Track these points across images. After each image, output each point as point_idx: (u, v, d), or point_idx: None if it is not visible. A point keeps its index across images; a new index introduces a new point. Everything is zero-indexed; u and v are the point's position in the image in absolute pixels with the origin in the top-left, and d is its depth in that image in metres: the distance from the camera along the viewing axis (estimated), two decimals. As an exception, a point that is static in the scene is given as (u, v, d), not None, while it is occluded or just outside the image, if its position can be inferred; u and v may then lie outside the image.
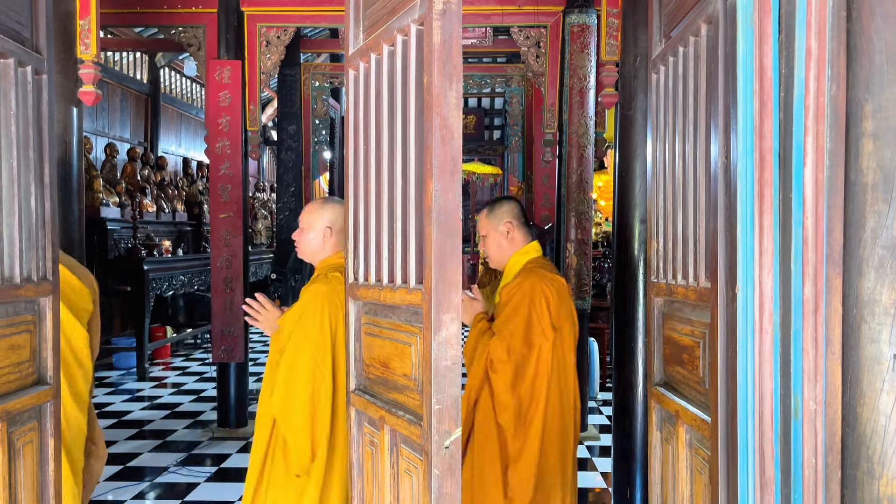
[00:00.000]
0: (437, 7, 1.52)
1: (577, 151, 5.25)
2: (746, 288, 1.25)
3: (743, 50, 1.25)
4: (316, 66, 8.61)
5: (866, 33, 1.10)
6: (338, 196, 9.42)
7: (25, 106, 2.08)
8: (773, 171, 1.21)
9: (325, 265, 2.58)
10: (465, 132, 13.68)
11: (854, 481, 1.11)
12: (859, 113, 1.11)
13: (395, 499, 1.79)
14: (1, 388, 1.98)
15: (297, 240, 2.63)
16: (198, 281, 8.77)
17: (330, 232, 2.59)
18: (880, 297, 1.08)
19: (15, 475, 2.04)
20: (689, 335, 1.90)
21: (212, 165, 5.45)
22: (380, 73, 1.85)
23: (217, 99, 5.34)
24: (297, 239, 2.63)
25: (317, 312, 2.41)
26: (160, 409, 6.27)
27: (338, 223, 2.60)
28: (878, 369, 1.08)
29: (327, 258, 2.60)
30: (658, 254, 2.15)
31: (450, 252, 1.54)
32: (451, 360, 1.54)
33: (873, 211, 1.09)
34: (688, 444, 1.89)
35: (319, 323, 2.39)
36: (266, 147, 14.53)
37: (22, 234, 2.06)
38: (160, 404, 6.43)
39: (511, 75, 8.81)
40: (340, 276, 2.48)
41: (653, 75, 2.19)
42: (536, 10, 5.53)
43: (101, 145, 9.18)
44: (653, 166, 2.19)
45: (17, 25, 2.06)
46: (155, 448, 5.19)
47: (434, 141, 1.52)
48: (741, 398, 1.26)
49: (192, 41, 5.43)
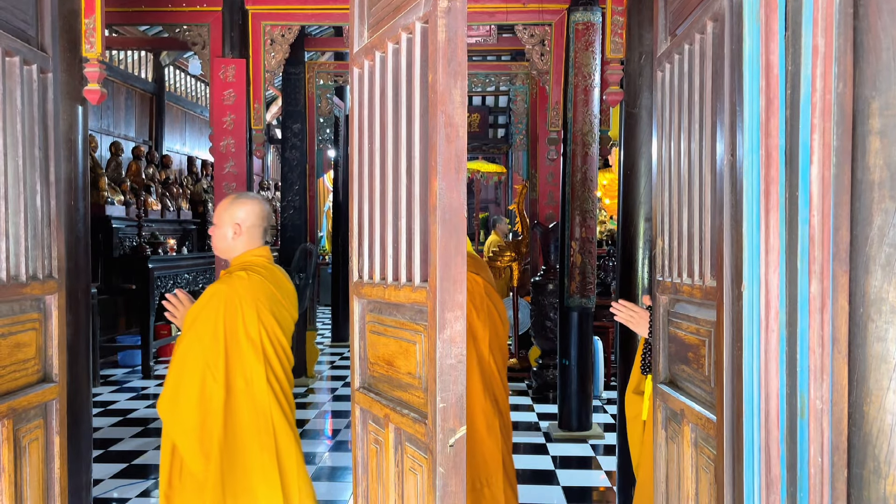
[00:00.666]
0: (442, 5, 1.52)
1: (581, 149, 5.24)
2: (752, 286, 1.24)
3: (749, 47, 1.24)
4: (320, 65, 8.61)
5: (873, 30, 1.09)
6: (342, 194, 9.42)
7: (31, 104, 2.08)
8: (780, 169, 1.21)
9: (237, 263, 2.55)
10: (469, 130, 13.64)
11: (860, 480, 1.10)
12: (866, 110, 1.10)
13: (399, 497, 1.79)
14: (6, 385, 1.99)
15: (212, 236, 2.61)
16: (202, 279, 8.78)
17: (239, 229, 2.54)
18: (887, 295, 1.08)
19: (21, 472, 2.04)
20: (695, 333, 1.90)
21: (216, 164, 5.46)
22: (384, 70, 1.85)
23: (221, 97, 5.35)
24: (212, 235, 2.61)
25: (211, 314, 2.38)
26: (165, 406, 6.28)
27: (248, 220, 2.56)
28: (884, 368, 1.08)
29: (240, 256, 2.57)
30: (663, 252, 2.14)
31: (454, 250, 1.53)
32: (455, 359, 1.54)
33: (880, 209, 1.09)
34: (693, 442, 1.89)
35: (213, 325, 2.37)
36: (270, 145, 14.56)
37: (28, 233, 2.06)
38: (165, 402, 6.44)
39: (515, 73, 8.80)
40: (245, 275, 2.46)
41: (658, 73, 2.19)
42: (541, 8, 5.52)
43: (106, 144, 9.21)
44: (658, 164, 2.18)
45: (22, 24, 2.07)
46: (159, 446, 5.20)
47: (438, 139, 1.52)
48: (747, 397, 1.26)
49: (197, 40, 5.43)
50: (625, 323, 2.56)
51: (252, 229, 2.57)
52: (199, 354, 2.35)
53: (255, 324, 2.42)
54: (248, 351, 2.41)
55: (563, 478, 4.56)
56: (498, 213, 15.62)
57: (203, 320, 2.38)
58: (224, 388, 2.37)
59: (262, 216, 2.60)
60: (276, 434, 2.45)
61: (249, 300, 2.42)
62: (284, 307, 2.58)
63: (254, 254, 2.57)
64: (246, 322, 2.41)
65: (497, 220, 10.45)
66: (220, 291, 2.41)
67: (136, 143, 10.11)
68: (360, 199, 1.99)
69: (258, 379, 2.42)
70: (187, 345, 2.37)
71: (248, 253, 2.56)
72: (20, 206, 2.04)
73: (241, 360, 2.40)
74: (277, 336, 2.50)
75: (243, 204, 2.57)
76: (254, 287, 2.45)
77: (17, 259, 2.03)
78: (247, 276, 2.46)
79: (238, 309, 2.40)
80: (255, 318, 2.42)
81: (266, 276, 2.53)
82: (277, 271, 2.63)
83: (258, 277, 2.49)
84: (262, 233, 2.62)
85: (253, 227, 2.57)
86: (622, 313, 2.55)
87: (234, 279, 2.44)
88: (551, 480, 4.54)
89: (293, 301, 2.66)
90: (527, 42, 5.78)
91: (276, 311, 2.51)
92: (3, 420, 1.95)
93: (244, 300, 2.41)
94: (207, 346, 2.36)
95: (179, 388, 2.34)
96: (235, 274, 2.46)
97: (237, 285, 2.42)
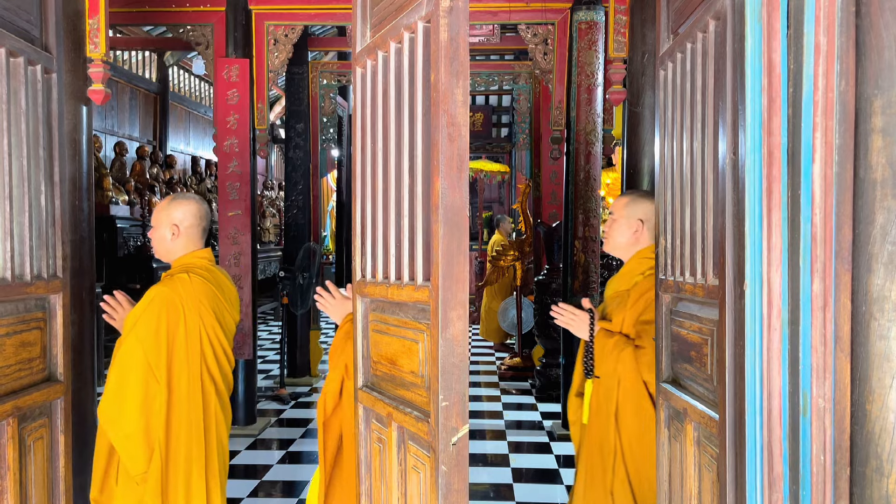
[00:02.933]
0: (444, 4, 1.52)
1: (584, 148, 5.24)
2: (754, 285, 1.24)
3: (751, 46, 1.24)
4: (324, 64, 8.62)
5: (875, 29, 1.09)
6: (345, 193, 9.41)
7: (35, 104, 2.09)
8: (782, 168, 1.21)
9: (178, 265, 2.55)
10: (472, 129, 13.67)
11: (863, 479, 1.10)
12: (868, 109, 1.10)
13: (402, 495, 1.79)
14: (11, 384, 2.00)
15: (151, 239, 2.60)
16: (206, 279, 8.80)
17: (177, 230, 2.53)
18: (889, 293, 1.08)
19: (26, 471, 2.05)
20: (697, 332, 1.90)
21: (220, 164, 5.47)
22: (387, 70, 1.85)
23: (225, 97, 5.36)
24: (151, 238, 2.60)
25: (153, 316, 2.38)
26: (169, 406, 6.30)
27: (186, 220, 2.55)
28: (887, 366, 1.08)
29: (181, 258, 2.56)
30: (666, 251, 2.14)
31: (457, 249, 1.54)
32: (458, 358, 1.54)
33: (882, 207, 1.09)
34: (696, 441, 1.89)
35: (155, 327, 2.37)
36: (274, 145, 14.58)
37: (32, 232, 2.07)
38: (169, 401, 6.45)
39: (518, 72, 8.79)
40: (187, 277, 2.46)
41: (661, 72, 2.18)
42: (544, 7, 5.52)
43: (111, 144, 9.24)
44: (661, 163, 2.18)
45: (26, 25, 2.08)
46: (164, 445, 5.21)
47: (441, 138, 1.52)
48: (749, 395, 1.26)
49: (201, 40, 5.44)
50: (565, 326, 2.56)
51: (190, 230, 2.56)
52: (141, 357, 2.34)
53: (196, 326, 2.44)
54: (190, 353, 2.43)
55: (567, 477, 4.55)
56: (501, 212, 15.63)
57: (144, 322, 2.37)
58: (167, 389, 2.37)
59: (199, 216, 2.59)
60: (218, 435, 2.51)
61: (191, 302, 2.43)
62: (226, 309, 2.60)
63: (195, 256, 2.57)
64: (187, 324, 2.42)
65: (501, 219, 10.45)
66: (161, 293, 2.41)
67: (140, 143, 10.14)
68: (363, 199, 2.00)
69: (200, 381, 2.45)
70: (128, 347, 2.35)
71: (190, 255, 2.56)
72: (25, 206, 2.05)
73: (182, 361, 2.41)
74: (219, 338, 2.53)
75: (180, 204, 2.56)
76: (195, 289, 2.46)
77: (21, 259, 2.03)
78: (188, 278, 2.47)
79: (180, 311, 2.41)
80: (196, 321, 2.44)
81: (208, 279, 2.54)
82: (219, 273, 2.64)
83: (200, 280, 2.50)
84: (202, 233, 2.62)
85: (191, 227, 2.56)
86: (562, 317, 2.55)
87: (175, 281, 2.45)
88: (555, 479, 4.55)
89: (235, 304, 2.68)
90: (530, 41, 5.78)
91: (218, 314, 2.53)
92: (9, 419, 1.96)
93: (186, 302, 2.42)
94: (149, 348, 2.35)
95: (123, 392, 2.32)
96: (177, 276, 2.46)
97: (179, 287, 2.43)
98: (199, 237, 2.60)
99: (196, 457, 2.43)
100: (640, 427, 2.39)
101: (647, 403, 2.38)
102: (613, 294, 2.63)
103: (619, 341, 2.43)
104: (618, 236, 2.61)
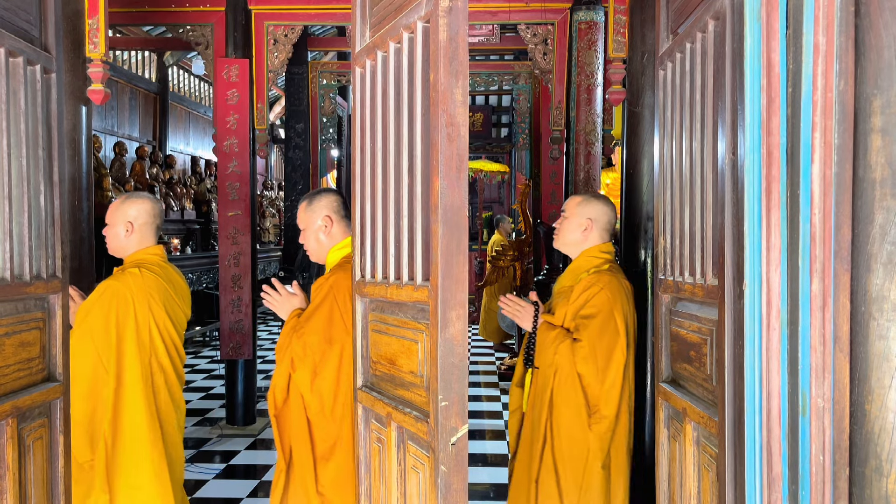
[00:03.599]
0: (444, 4, 1.52)
1: (584, 149, 5.24)
2: (754, 285, 1.24)
3: (750, 46, 1.24)
4: (323, 64, 8.62)
5: (875, 28, 1.09)
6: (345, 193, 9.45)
7: (35, 104, 2.09)
8: (781, 168, 1.21)
9: (131, 261, 2.61)
10: (472, 129, 13.68)
11: (862, 478, 1.10)
12: (867, 108, 1.10)
13: (402, 495, 1.79)
14: (11, 384, 2.00)
15: (106, 237, 2.66)
16: (206, 279, 8.80)
17: (131, 227, 2.60)
18: (889, 293, 1.08)
19: (25, 471, 2.05)
20: (697, 332, 1.90)
21: (220, 164, 5.47)
22: (386, 70, 1.85)
23: (225, 97, 5.36)
24: (105, 236, 2.66)
25: (103, 309, 2.46)
26: (169, 406, 6.30)
27: (140, 218, 2.62)
28: (886, 366, 1.08)
29: (134, 254, 2.63)
30: (665, 251, 2.14)
31: (456, 249, 1.54)
32: (458, 358, 1.54)
33: (882, 207, 1.09)
34: (695, 441, 1.89)
35: (105, 319, 2.45)
36: (274, 145, 14.58)
37: (31, 232, 2.07)
38: (169, 401, 6.45)
39: (518, 72, 8.80)
40: (138, 272, 2.54)
41: (660, 72, 2.19)
42: (544, 7, 5.52)
43: (110, 144, 9.24)
44: (660, 163, 2.18)
45: (26, 24, 2.08)
46: (164, 445, 5.21)
47: (440, 138, 1.52)
48: (748, 395, 1.26)
49: (201, 40, 5.44)
50: (511, 317, 2.64)
51: (144, 227, 2.63)
52: (90, 348, 2.43)
53: (146, 319, 2.51)
54: (140, 345, 2.49)
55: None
56: (501, 212, 15.62)
57: (95, 315, 2.46)
58: (115, 380, 2.45)
59: (153, 214, 2.67)
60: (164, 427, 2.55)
61: (141, 296, 2.50)
62: (178, 305, 2.66)
63: (148, 252, 2.64)
64: (137, 318, 2.49)
65: (500, 219, 10.45)
66: (111, 287, 2.49)
67: (139, 143, 10.14)
68: (363, 199, 2.00)
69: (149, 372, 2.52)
70: (78, 338, 2.43)
71: (143, 251, 2.63)
72: (24, 206, 2.05)
73: (132, 353, 2.48)
74: (170, 332, 2.59)
75: (134, 203, 2.64)
76: (147, 284, 2.53)
77: (20, 258, 2.03)
78: (139, 272, 2.54)
79: (130, 304, 2.48)
80: (146, 314, 2.51)
81: (160, 274, 2.60)
82: (171, 270, 2.71)
83: (151, 275, 2.56)
84: (155, 231, 2.69)
85: (145, 224, 2.63)
86: (508, 308, 2.63)
87: (126, 276, 2.52)
88: (554, 479, 4.54)
89: (186, 299, 2.75)
90: (529, 41, 5.78)
91: (169, 309, 2.60)
92: (8, 419, 1.96)
93: (136, 296, 2.49)
94: (99, 340, 2.44)
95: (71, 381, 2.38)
96: (128, 271, 2.54)
97: (129, 282, 2.50)
98: (153, 234, 2.68)
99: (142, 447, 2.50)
100: (570, 418, 2.46)
101: (579, 396, 2.45)
102: (559, 289, 2.72)
103: (560, 334, 2.51)
104: (568, 234, 2.69)
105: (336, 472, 2.30)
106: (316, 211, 2.50)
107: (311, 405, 2.32)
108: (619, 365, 2.44)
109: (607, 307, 2.47)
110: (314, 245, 2.53)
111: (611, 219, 2.72)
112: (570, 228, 2.68)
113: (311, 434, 2.33)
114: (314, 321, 2.34)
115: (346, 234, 2.53)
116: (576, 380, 2.46)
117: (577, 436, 2.45)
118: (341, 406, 2.31)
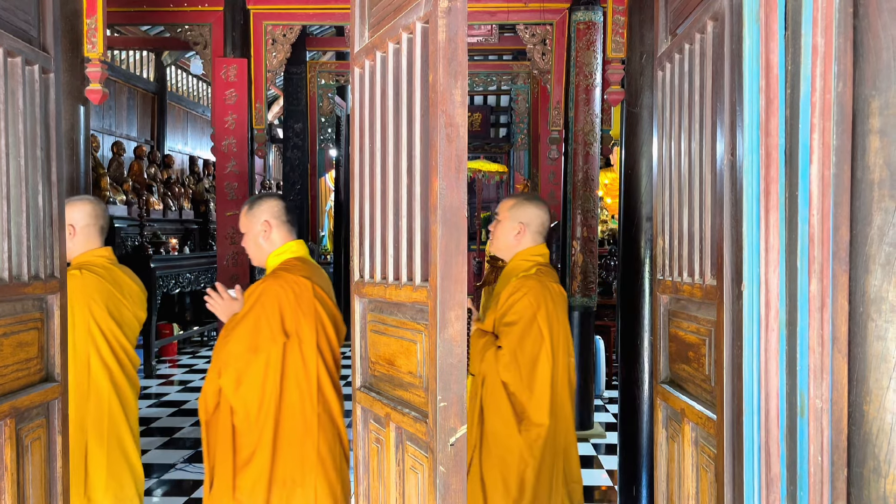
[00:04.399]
0: (443, 5, 1.52)
1: (582, 149, 5.24)
2: (752, 285, 1.25)
3: (749, 47, 1.24)
4: (322, 64, 8.61)
5: (873, 30, 1.10)
6: (344, 193, 9.42)
7: (33, 104, 2.09)
8: (779, 169, 1.21)
9: (75, 263, 2.61)
10: (470, 130, 13.66)
11: (860, 479, 1.10)
12: (866, 110, 1.10)
13: (400, 495, 1.79)
14: (9, 385, 1.99)
15: None
16: (204, 278, 8.79)
17: (73, 230, 2.60)
18: (887, 294, 1.08)
19: (23, 471, 2.05)
20: (695, 333, 1.90)
21: (218, 163, 5.47)
22: (385, 70, 1.85)
23: (223, 97, 5.36)
24: None
25: None
26: (167, 406, 6.30)
27: (81, 220, 2.63)
28: (884, 367, 1.08)
29: (79, 256, 2.64)
30: (664, 251, 2.15)
31: (455, 250, 1.54)
32: (456, 358, 1.54)
33: (880, 208, 1.09)
34: (693, 441, 1.89)
35: None
36: (272, 145, 14.57)
37: (30, 233, 2.06)
38: (167, 402, 6.46)
39: (517, 73, 8.80)
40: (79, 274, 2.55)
41: (659, 72, 2.19)
42: (542, 8, 5.52)
43: (108, 143, 9.22)
44: (659, 163, 2.19)
45: (24, 24, 2.07)
46: (162, 445, 5.21)
47: (439, 138, 1.52)
48: (747, 396, 1.26)
49: (199, 39, 5.44)
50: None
51: (86, 229, 2.64)
52: None
53: (84, 320, 2.51)
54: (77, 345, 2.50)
55: (565, 477, 4.55)
56: (499, 212, 15.57)
57: None
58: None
59: (95, 215, 2.67)
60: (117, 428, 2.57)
61: (80, 298, 2.50)
62: (125, 306, 2.65)
63: (93, 254, 2.64)
64: (75, 318, 2.48)
65: (499, 219, 10.43)
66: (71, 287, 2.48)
67: (138, 143, 10.13)
68: (362, 199, 2.00)
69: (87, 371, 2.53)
70: None
71: (88, 253, 2.64)
72: (22, 206, 2.05)
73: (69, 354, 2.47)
74: (115, 334, 2.59)
75: (75, 205, 2.63)
76: (87, 286, 2.53)
77: (19, 259, 2.03)
78: (80, 274, 2.54)
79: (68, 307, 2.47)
80: (85, 315, 2.51)
81: (103, 276, 2.60)
82: (118, 271, 2.70)
83: (93, 277, 2.56)
84: (99, 232, 2.69)
85: (87, 226, 2.64)
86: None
87: (73, 277, 2.50)
88: (553, 480, 4.54)
89: (137, 300, 2.73)
90: (528, 41, 5.78)
91: (113, 310, 2.59)
92: (6, 419, 1.96)
93: (75, 298, 2.48)
94: None
95: None
96: (69, 272, 2.52)
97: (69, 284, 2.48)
98: (97, 235, 2.68)
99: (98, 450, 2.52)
100: (498, 425, 2.45)
101: (504, 403, 2.45)
102: (495, 294, 2.70)
103: (488, 342, 2.51)
104: (500, 238, 2.70)
105: (253, 480, 2.32)
106: (256, 216, 2.50)
107: (238, 412, 2.34)
108: (544, 371, 2.43)
109: (529, 313, 2.45)
110: (254, 250, 2.54)
111: (544, 221, 2.70)
112: (503, 232, 2.67)
113: (235, 441, 2.34)
114: (240, 329, 2.34)
115: (286, 240, 2.53)
116: (501, 388, 2.45)
117: (507, 443, 2.44)
118: (264, 414, 2.33)
